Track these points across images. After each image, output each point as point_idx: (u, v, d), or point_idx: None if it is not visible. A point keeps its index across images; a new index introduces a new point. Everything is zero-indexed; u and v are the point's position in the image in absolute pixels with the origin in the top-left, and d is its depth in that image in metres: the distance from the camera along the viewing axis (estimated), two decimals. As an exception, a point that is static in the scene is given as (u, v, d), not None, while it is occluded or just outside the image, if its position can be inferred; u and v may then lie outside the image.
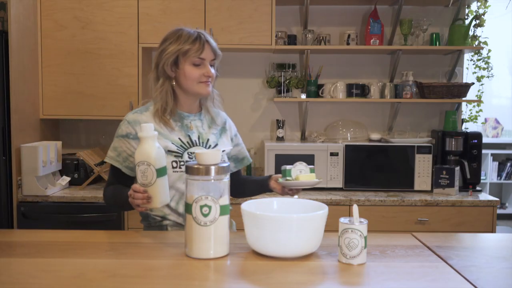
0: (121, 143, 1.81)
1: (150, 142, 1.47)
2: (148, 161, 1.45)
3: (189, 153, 1.77)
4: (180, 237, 1.58)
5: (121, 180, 1.80)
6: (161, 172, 1.47)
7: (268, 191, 1.87)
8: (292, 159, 3.04)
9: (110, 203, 1.81)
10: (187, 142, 1.79)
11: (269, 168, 3.19)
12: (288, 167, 1.78)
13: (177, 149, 1.76)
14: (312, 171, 1.79)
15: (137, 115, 1.80)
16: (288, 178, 1.77)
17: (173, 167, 1.73)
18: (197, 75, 1.74)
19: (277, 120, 3.48)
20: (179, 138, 1.78)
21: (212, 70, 1.77)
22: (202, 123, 1.85)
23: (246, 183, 1.98)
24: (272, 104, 3.58)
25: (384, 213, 2.98)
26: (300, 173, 1.76)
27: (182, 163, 1.74)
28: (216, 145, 1.85)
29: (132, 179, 1.80)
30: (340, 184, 3.21)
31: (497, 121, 5.95)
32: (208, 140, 1.83)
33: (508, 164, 5.76)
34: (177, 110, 1.82)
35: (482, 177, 5.53)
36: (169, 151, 1.73)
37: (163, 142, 1.74)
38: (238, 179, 1.96)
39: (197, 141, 1.81)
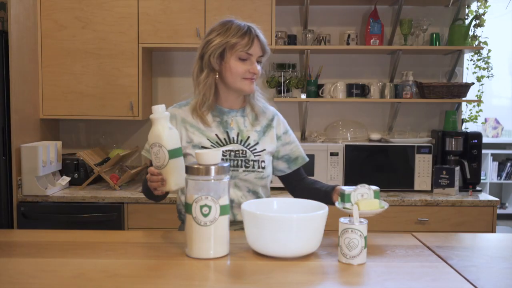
0: None
1: (161, 123, 1.46)
2: (160, 143, 1.44)
3: (224, 151, 1.72)
4: (180, 237, 1.58)
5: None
6: (174, 153, 1.45)
7: (331, 204, 1.66)
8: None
9: (146, 195, 1.76)
10: (224, 139, 1.74)
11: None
12: (347, 190, 1.57)
13: (211, 145, 1.72)
14: (376, 194, 1.57)
15: (175, 109, 1.79)
16: (346, 204, 1.55)
17: None
18: (242, 70, 1.69)
19: (277, 120, 3.48)
20: (216, 135, 1.74)
21: (258, 67, 1.72)
22: (244, 120, 1.79)
23: (311, 191, 1.81)
24: (272, 104, 3.57)
25: (384, 213, 2.96)
26: (362, 197, 1.55)
27: None
28: (256, 144, 1.77)
29: None
30: (340, 184, 3.20)
31: (497, 121, 5.95)
32: (248, 137, 1.77)
33: (508, 164, 5.76)
34: (217, 105, 1.77)
35: (482, 177, 5.53)
36: (202, 147, 1.71)
37: (198, 138, 1.72)
38: (299, 182, 1.88)
39: (235, 139, 1.75)
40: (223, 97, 1.77)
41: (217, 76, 1.72)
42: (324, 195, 1.74)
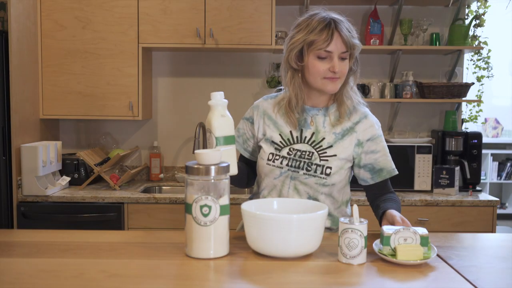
0: (244, 124, 1.79)
1: (216, 110, 1.50)
2: (210, 129, 1.49)
3: (290, 149, 1.66)
4: (180, 237, 1.58)
5: (240, 159, 1.80)
6: (222, 140, 1.49)
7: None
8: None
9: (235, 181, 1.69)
10: (296, 137, 1.67)
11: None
12: (387, 231, 1.38)
13: (280, 141, 1.67)
14: (424, 241, 1.35)
15: (262, 101, 1.78)
16: (384, 247, 1.38)
17: (268, 159, 1.67)
18: (322, 69, 1.57)
19: (277, 120, 3.48)
20: (290, 131, 1.68)
21: (343, 64, 1.59)
22: (324, 119, 1.68)
23: (373, 205, 1.75)
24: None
25: (384, 213, 2.98)
26: (405, 242, 1.36)
27: (277, 157, 1.66)
28: (329, 147, 1.65)
29: (254, 164, 1.79)
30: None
31: (497, 121, 5.95)
32: (323, 139, 1.66)
33: (508, 164, 5.76)
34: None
35: (482, 177, 5.53)
36: (272, 142, 1.69)
37: (271, 131, 1.69)
38: (380, 196, 1.73)
39: (308, 138, 1.66)
40: (308, 95, 1.68)
41: (299, 75, 1.63)
42: (377, 214, 1.68)
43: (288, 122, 1.69)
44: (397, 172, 1.73)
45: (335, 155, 1.64)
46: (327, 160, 1.64)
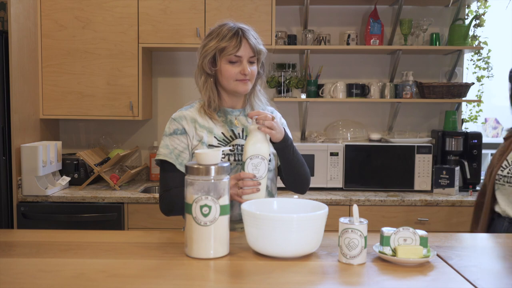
0: (171, 141, 1.76)
1: (265, 136, 1.55)
2: (263, 156, 1.55)
3: (232, 146, 1.75)
4: (180, 237, 1.58)
5: (179, 180, 1.72)
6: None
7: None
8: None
9: (177, 208, 1.68)
10: (230, 136, 1.77)
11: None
12: (386, 232, 1.40)
13: (218, 143, 1.75)
14: (423, 241, 1.37)
15: (182, 111, 1.80)
16: (384, 248, 1.39)
17: None
18: (234, 73, 1.72)
19: (277, 120, 3.48)
20: (222, 133, 1.77)
21: (252, 68, 1.74)
22: (246, 118, 1.83)
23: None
24: (272, 104, 3.57)
25: (384, 213, 2.98)
26: (405, 242, 1.38)
27: (222, 156, 1.73)
28: None
29: (183, 176, 1.68)
30: (340, 184, 3.21)
31: (497, 121, 5.95)
32: None
33: (508, 164, 5.76)
34: (220, 106, 1.80)
35: (482, 177, 5.52)
36: (210, 145, 1.73)
37: (205, 136, 1.74)
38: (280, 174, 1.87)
39: (241, 134, 1.79)
40: (224, 98, 1.81)
41: (212, 79, 1.76)
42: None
43: (216, 124, 1.77)
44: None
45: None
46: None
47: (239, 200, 1.58)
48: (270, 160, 1.75)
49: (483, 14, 3.34)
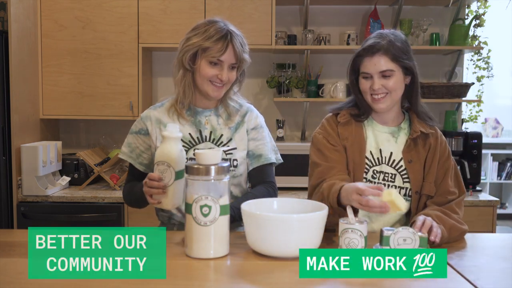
0: (134, 139, 1.80)
1: (174, 143, 1.47)
2: (169, 163, 1.46)
3: (195, 150, 1.70)
4: (180, 237, 1.58)
5: (137, 176, 1.77)
6: (179, 174, 1.47)
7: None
8: (292, 159, 3.04)
9: (127, 200, 1.79)
10: (197, 138, 1.74)
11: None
12: (386, 231, 1.37)
13: (183, 145, 1.70)
14: (423, 242, 1.36)
15: (150, 110, 1.79)
16: (384, 248, 1.37)
17: None
18: (210, 74, 1.66)
19: (277, 120, 3.48)
20: (190, 134, 1.74)
21: (231, 74, 1.69)
22: (218, 118, 1.77)
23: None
24: (272, 104, 3.58)
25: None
26: (404, 242, 1.36)
27: (186, 160, 1.69)
28: (230, 140, 1.75)
29: (142, 173, 1.78)
30: (340, 184, 3.20)
31: (497, 121, 5.95)
32: (221, 135, 1.76)
33: (508, 164, 5.76)
34: (191, 105, 1.75)
35: (482, 177, 5.52)
36: None
37: None
38: (254, 183, 1.79)
39: (208, 137, 1.75)
40: (197, 97, 1.76)
41: (190, 75, 1.70)
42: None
43: (184, 125, 1.74)
44: (274, 161, 1.80)
45: (235, 148, 1.75)
46: (231, 153, 1.75)
47: (149, 200, 1.54)
48: (236, 166, 1.71)
49: (483, 14, 3.34)
